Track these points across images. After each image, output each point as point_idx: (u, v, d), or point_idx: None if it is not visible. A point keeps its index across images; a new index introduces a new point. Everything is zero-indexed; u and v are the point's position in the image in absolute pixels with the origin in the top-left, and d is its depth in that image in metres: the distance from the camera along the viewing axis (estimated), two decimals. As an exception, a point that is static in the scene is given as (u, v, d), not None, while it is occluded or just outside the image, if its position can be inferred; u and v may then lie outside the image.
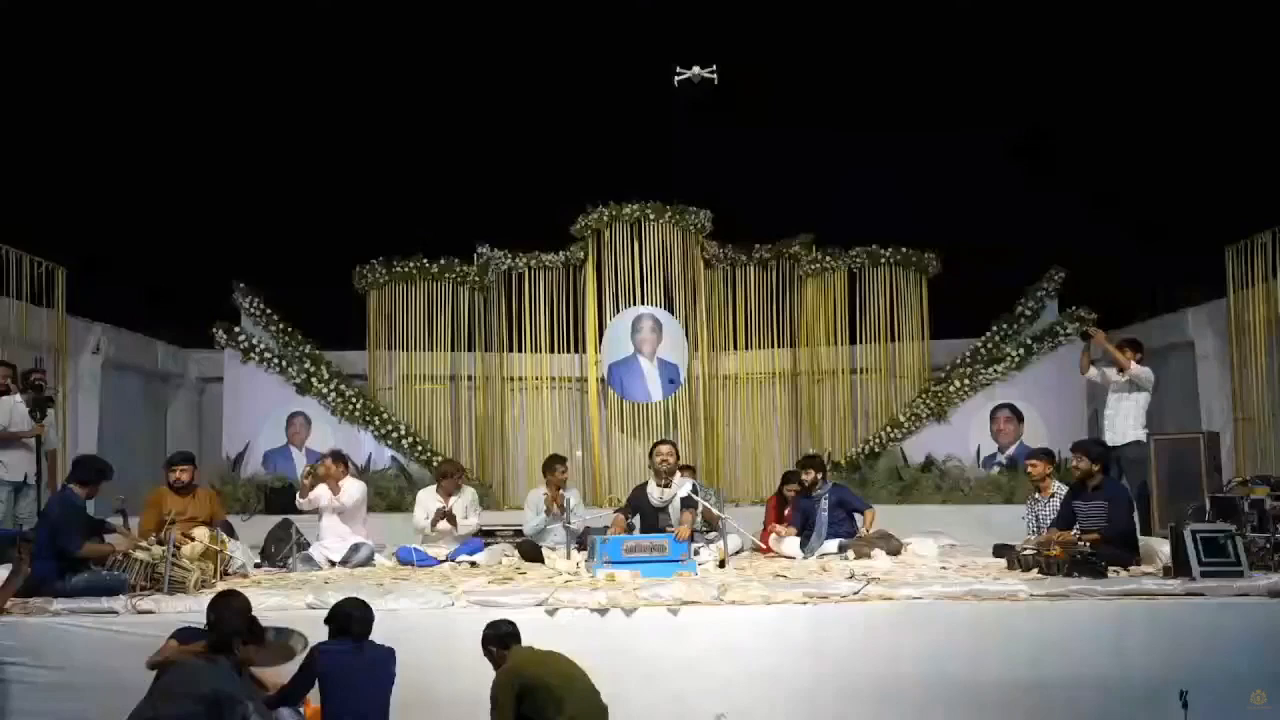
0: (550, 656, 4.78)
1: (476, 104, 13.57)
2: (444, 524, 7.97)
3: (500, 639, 4.84)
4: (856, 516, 8.06)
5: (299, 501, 7.98)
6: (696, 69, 9.33)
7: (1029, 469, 7.66)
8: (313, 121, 13.09)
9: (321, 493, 7.85)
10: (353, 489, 8.00)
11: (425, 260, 12.17)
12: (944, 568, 6.95)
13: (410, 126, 13.44)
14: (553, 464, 8.32)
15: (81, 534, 6.05)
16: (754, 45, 13.00)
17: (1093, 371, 8.78)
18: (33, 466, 8.05)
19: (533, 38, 13.02)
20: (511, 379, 12.39)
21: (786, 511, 8.47)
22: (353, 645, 4.72)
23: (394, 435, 11.73)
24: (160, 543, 6.17)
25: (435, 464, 10.36)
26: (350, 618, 4.78)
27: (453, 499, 8.12)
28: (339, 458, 8.17)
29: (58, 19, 11.82)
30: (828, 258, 12.24)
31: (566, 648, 5.52)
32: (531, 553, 7.62)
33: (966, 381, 11.74)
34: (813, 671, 5.48)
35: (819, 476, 8.13)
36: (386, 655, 4.79)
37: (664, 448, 7.92)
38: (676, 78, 9.39)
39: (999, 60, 12.47)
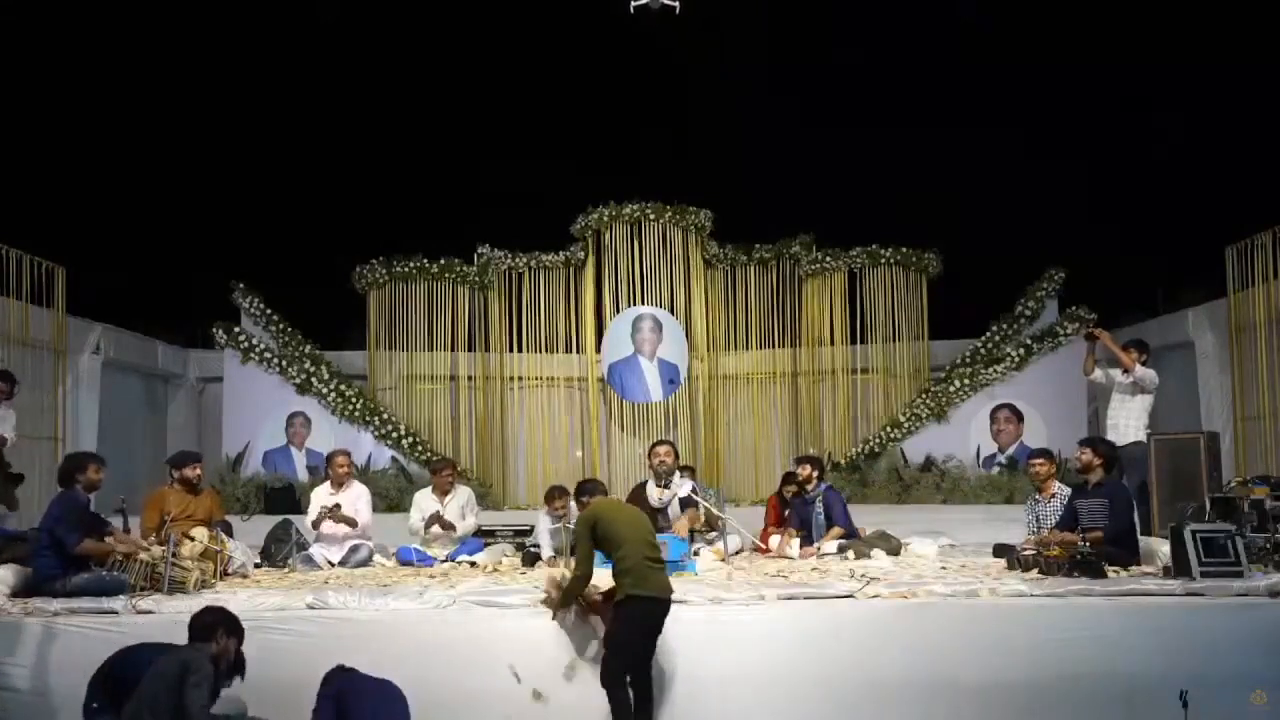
0: (623, 508, 5.76)
1: (477, 104, 13.59)
2: (437, 528, 7.93)
3: (589, 491, 6.07)
4: (855, 520, 8.04)
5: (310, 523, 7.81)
6: None
7: (1033, 468, 7.60)
8: (313, 121, 13.11)
9: (334, 529, 7.73)
10: (360, 501, 7.91)
11: (425, 260, 12.16)
12: (944, 568, 6.94)
13: (410, 126, 13.45)
14: (551, 496, 7.80)
15: (80, 531, 5.99)
16: (756, 45, 13.04)
17: (1097, 373, 8.74)
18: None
19: (533, 38, 13.02)
20: (511, 379, 12.39)
21: (787, 512, 8.46)
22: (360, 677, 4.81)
23: (394, 435, 11.73)
24: (160, 543, 6.15)
25: (430, 462, 10.37)
26: None
27: (448, 499, 8.08)
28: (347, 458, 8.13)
29: (59, 20, 11.82)
30: (828, 258, 12.24)
31: (566, 647, 5.54)
32: (530, 558, 7.62)
33: (966, 381, 11.73)
34: (812, 671, 5.47)
35: (814, 474, 8.05)
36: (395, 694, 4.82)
37: (662, 448, 7.86)
38: (633, 4, 8.77)
39: (999, 59, 12.48)
